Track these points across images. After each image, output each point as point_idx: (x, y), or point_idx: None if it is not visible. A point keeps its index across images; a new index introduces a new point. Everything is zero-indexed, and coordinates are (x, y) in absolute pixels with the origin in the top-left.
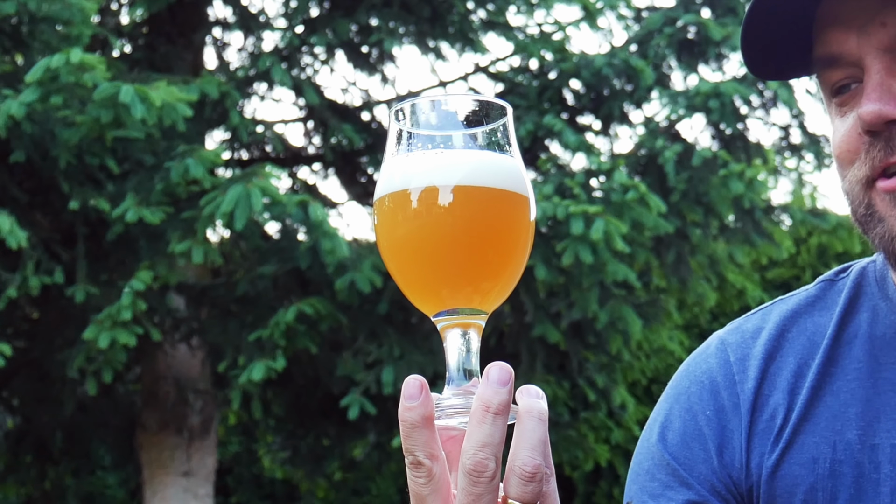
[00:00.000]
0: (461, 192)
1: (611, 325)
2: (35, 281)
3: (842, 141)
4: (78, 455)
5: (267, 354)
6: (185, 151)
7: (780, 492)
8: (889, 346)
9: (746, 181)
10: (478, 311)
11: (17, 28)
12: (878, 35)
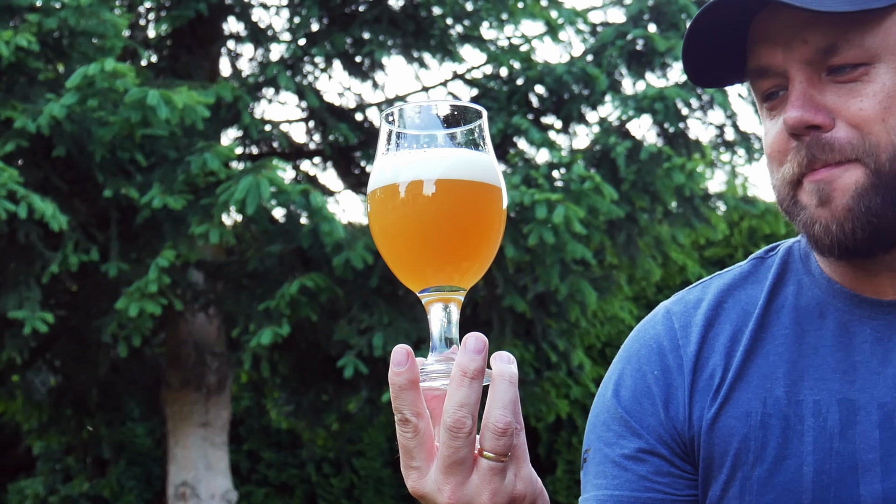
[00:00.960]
0: (443, 184)
1: (570, 297)
2: (74, 258)
3: (772, 142)
4: (111, 409)
5: (274, 322)
6: (203, 147)
7: (718, 441)
8: (812, 314)
9: (687, 173)
10: (457, 288)
11: (58, 41)
12: (801, 50)
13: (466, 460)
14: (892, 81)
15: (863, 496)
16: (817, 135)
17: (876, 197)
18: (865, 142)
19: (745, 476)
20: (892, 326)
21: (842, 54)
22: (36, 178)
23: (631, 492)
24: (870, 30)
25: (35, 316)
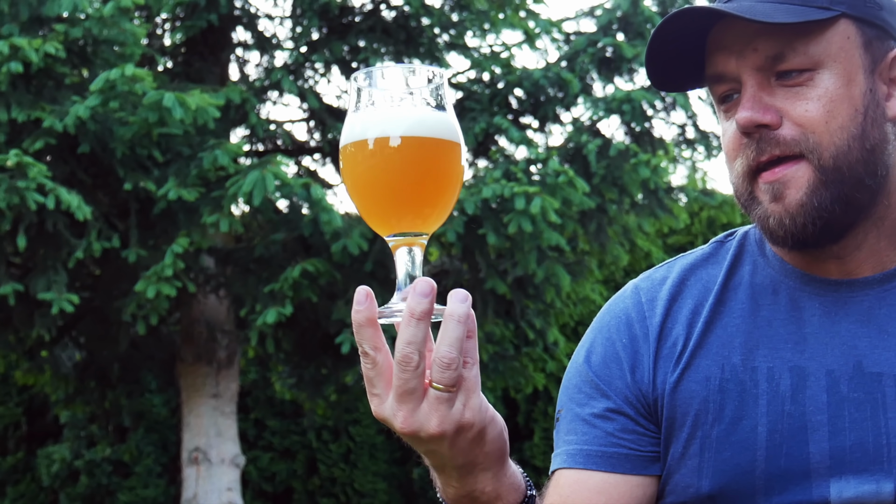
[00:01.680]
0: (407, 140)
1: (546, 280)
2: (97, 245)
3: (728, 140)
4: (130, 381)
5: (278, 303)
6: (214, 144)
7: (680, 403)
8: (766, 291)
9: (652, 168)
10: (420, 233)
11: (83, 48)
12: (752, 58)
13: (416, 390)
14: (834, 86)
15: (812, 453)
16: (766, 132)
17: (825, 193)
18: (809, 140)
19: (705, 435)
20: (837, 302)
21: (788, 61)
22: (63, 172)
23: (598, 446)
24: (813, 39)
25: (62, 297)
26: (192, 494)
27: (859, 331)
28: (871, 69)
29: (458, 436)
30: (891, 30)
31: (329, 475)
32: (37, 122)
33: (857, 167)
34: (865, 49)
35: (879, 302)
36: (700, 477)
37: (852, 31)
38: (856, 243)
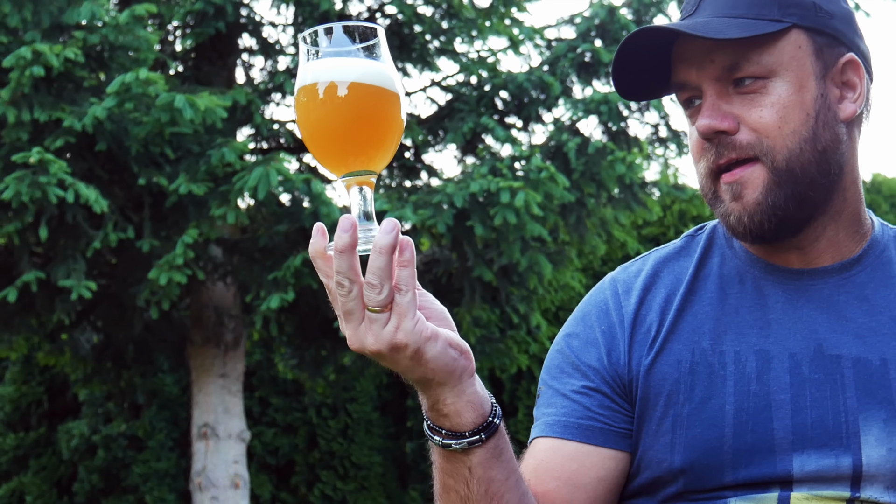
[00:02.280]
0: (353, 87)
1: (529, 269)
2: (113, 236)
3: (693, 143)
4: (144, 362)
5: (281, 289)
6: (221, 143)
7: (653, 384)
8: (733, 280)
9: (627, 164)
10: (369, 172)
11: (100, 54)
12: (710, 68)
13: (355, 311)
14: (786, 93)
15: (776, 430)
16: (724, 137)
17: (779, 192)
18: (764, 144)
19: (677, 413)
20: (799, 290)
21: (743, 70)
22: (81, 168)
23: (575, 418)
24: (766, 50)
25: (81, 284)
26: (201, 467)
27: (819, 316)
28: (822, 75)
29: (396, 353)
30: (842, 37)
31: (328, 449)
32: (57, 122)
33: (809, 168)
34: (817, 56)
35: (838, 289)
36: (672, 452)
37: (803, 40)
38: (815, 235)
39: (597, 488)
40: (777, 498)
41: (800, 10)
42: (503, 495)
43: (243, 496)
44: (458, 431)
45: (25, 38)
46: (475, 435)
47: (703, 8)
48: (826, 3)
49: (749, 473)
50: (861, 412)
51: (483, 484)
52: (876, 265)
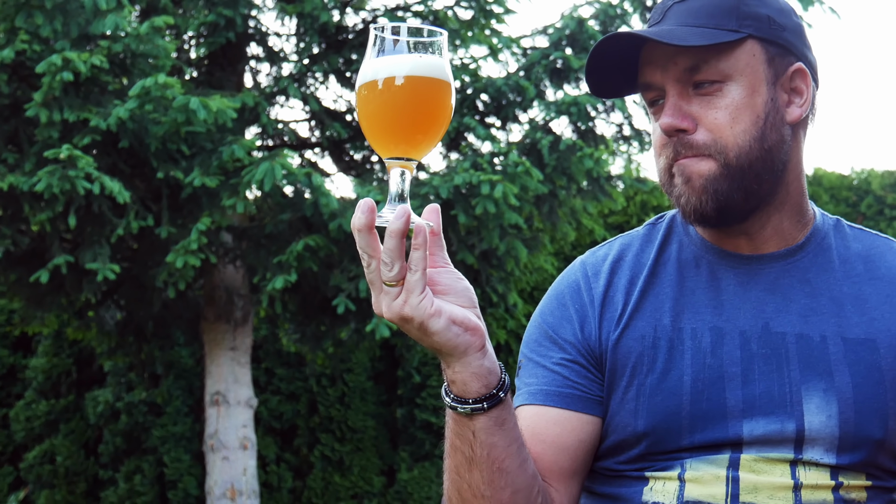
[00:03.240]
0: (408, 79)
1: (507, 253)
2: (135, 224)
3: (655, 139)
4: (162, 336)
5: (284, 271)
6: (231, 140)
7: (620, 357)
8: (690, 265)
9: (594, 160)
10: (411, 159)
11: (123, 61)
12: (673, 70)
13: (375, 282)
14: (740, 96)
15: (728, 399)
16: (683, 136)
17: (724, 183)
18: (717, 143)
19: (641, 383)
20: (749, 273)
21: (702, 73)
22: (106, 163)
23: (556, 388)
24: (723, 56)
25: (105, 267)
26: (213, 430)
27: (767, 297)
28: (773, 81)
29: (405, 324)
30: (792, 48)
31: (327, 415)
32: (85, 122)
33: (756, 164)
34: (769, 64)
35: (783, 273)
36: (636, 418)
37: (758, 49)
38: (761, 224)
39: (578, 450)
40: (728, 459)
41: (755, 22)
42: (504, 460)
43: (251, 456)
44: (464, 398)
45: (56, 46)
46: (478, 403)
47: (669, 17)
48: (779, 16)
49: (704, 437)
50: (803, 383)
51: (485, 448)
52: (817, 251)
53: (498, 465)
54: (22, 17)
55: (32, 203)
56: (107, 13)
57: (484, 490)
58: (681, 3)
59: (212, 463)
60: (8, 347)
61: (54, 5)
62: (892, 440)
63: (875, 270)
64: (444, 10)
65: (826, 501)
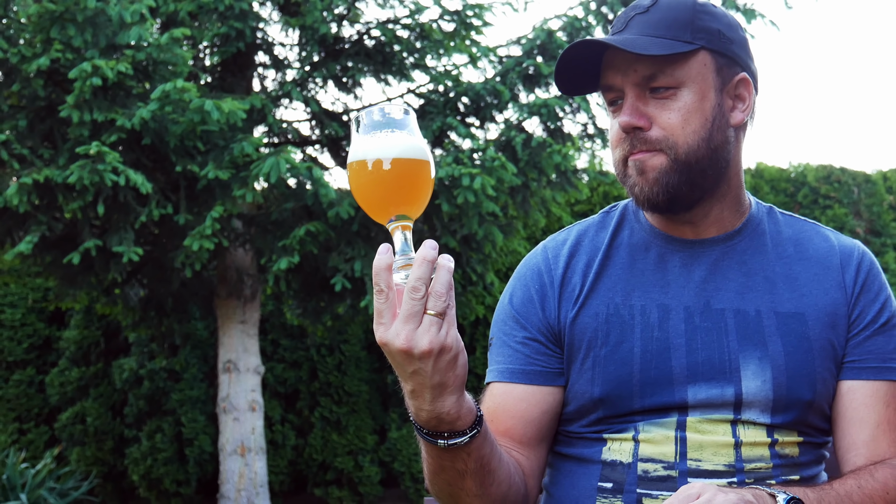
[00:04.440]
0: (395, 161)
1: (485, 238)
2: (156, 212)
3: (612, 134)
4: (180, 311)
5: (288, 254)
6: (241, 138)
7: (577, 332)
8: (639, 249)
9: (562, 155)
10: (408, 218)
11: (146, 68)
12: (633, 76)
13: (419, 314)
14: (691, 101)
15: (674, 367)
16: (639, 132)
17: (674, 177)
18: (669, 140)
19: (596, 355)
20: (692, 256)
21: (659, 80)
22: (131, 158)
23: (520, 365)
24: (679, 65)
25: (130, 250)
26: (225, 394)
27: (708, 277)
28: (720, 89)
29: (441, 355)
30: (738, 59)
31: (326, 380)
32: (111, 122)
33: (702, 161)
34: (717, 73)
35: (723, 255)
36: (593, 385)
37: (709, 60)
38: (704, 213)
39: (541, 419)
40: (676, 422)
41: (707, 35)
42: (490, 462)
43: (259, 417)
44: (459, 430)
45: (86, 55)
46: (474, 429)
47: (631, 27)
48: (728, 30)
49: (653, 401)
50: (741, 352)
51: (477, 461)
52: (752, 236)
53: (486, 468)
54: (56, 29)
55: (65, 193)
56: (131, 25)
57: (476, 491)
58: (642, 14)
59: (224, 423)
60: (44, 321)
61: (85, 19)
62: (820, 402)
63: (804, 252)
64: (429, 23)
65: (763, 457)
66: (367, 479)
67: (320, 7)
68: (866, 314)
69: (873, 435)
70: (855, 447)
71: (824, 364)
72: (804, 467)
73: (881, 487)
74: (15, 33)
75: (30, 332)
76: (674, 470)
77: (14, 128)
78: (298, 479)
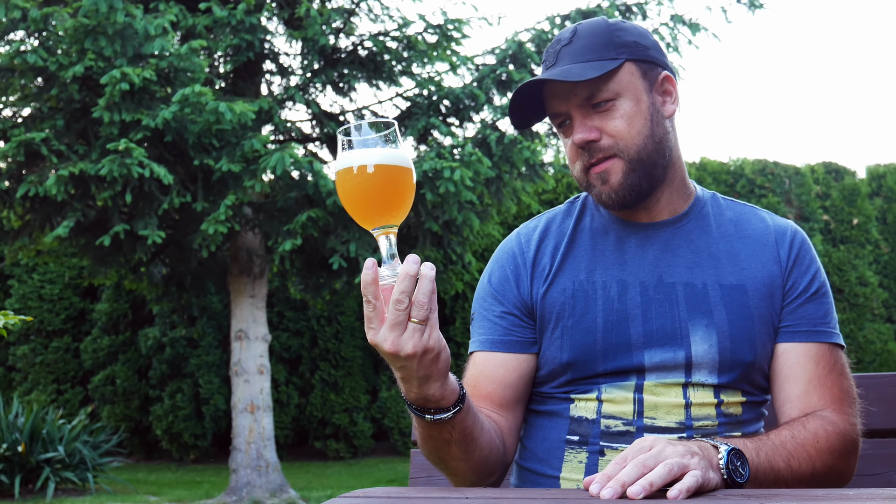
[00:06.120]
0: (378, 167)
1: (464, 222)
2: (176, 200)
3: (569, 151)
4: (198, 287)
5: (292, 237)
6: (251, 136)
7: (547, 306)
8: (600, 233)
9: (531, 151)
10: (392, 225)
11: (167, 74)
12: (574, 100)
13: (403, 323)
14: (630, 107)
15: (631, 335)
16: (592, 144)
17: (634, 175)
18: (619, 145)
19: (564, 325)
20: (646, 237)
21: (598, 97)
22: (154, 153)
23: (499, 336)
24: (611, 80)
25: (154, 233)
26: (237, 359)
27: (660, 255)
28: (649, 90)
29: (425, 356)
30: (657, 61)
31: (325, 347)
32: (138, 122)
33: (652, 155)
34: (644, 77)
35: (673, 236)
36: (562, 352)
37: (634, 68)
38: (657, 199)
39: (518, 384)
40: (634, 385)
41: (627, 48)
42: (472, 431)
43: (266, 380)
44: (444, 407)
45: (116, 63)
46: (456, 406)
47: (562, 58)
48: (641, 39)
49: (615, 365)
50: (690, 321)
51: (461, 431)
52: (698, 218)
53: (469, 437)
54: (89, 41)
55: (98, 184)
56: (155, 37)
57: (461, 455)
58: (567, 45)
59: (236, 384)
60: (79, 295)
61: (115, 31)
62: (760, 362)
63: (743, 231)
64: (415, 35)
65: (710, 415)
66: (361, 434)
67: (320, 21)
68: (799, 284)
69: (805, 390)
70: (790, 401)
71: (763, 329)
72: (745, 424)
73: (812, 437)
74: (53, 44)
75: (66, 305)
76: (632, 426)
77: (52, 127)
78: (301, 433)
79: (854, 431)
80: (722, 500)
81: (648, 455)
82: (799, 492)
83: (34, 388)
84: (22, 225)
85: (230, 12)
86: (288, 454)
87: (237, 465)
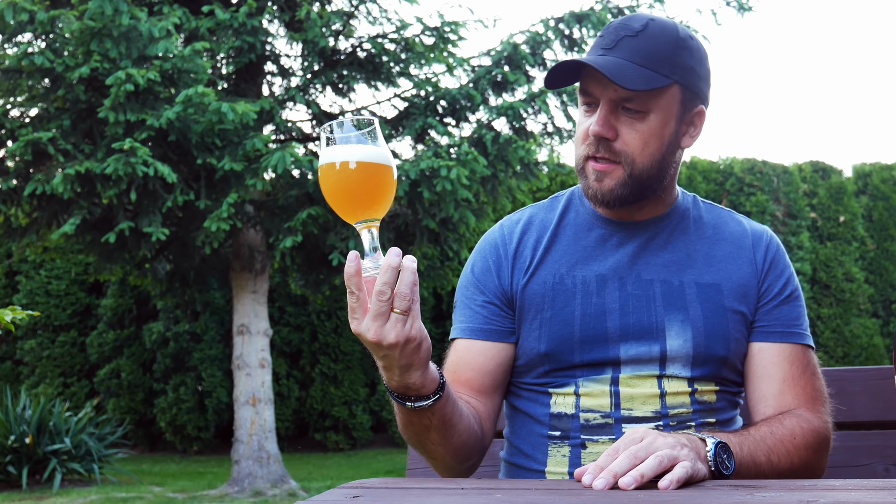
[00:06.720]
0: (359, 164)
1: (460, 220)
2: (180, 198)
3: (581, 131)
4: (201, 282)
5: (293, 234)
6: (253, 135)
7: (528, 298)
8: (583, 228)
9: (526, 150)
10: (374, 219)
11: (171, 75)
12: (610, 93)
13: (385, 313)
14: (655, 126)
15: (609, 328)
16: (605, 141)
17: (626, 188)
18: (629, 157)
19: (543, 317)
20: (627, 236)
21: (632, 103)
22: (159, 152)
23: (479, 325)
24: (653, 97)
25: (158, 230)
26: (239, 353)
27: (639, 253)
28: (680, 118)
29: (407, 345)
30: (701, 94)
31: (325, 341)
32: (142, 122)
33: (652, 178)
34: (682, 105)
35: (653, 235)
36: (540, 343)
37: (678, 93)
38: (640, 205)
39: (496, 371)
40: (610, 378)
41: (683, 71)
42: (451, 418)
43: (267, 373)
44: (424, 395)
45: (121, 65)
46: (436, 395)
47: (620, 47)
48: (699, 66)
49: (591, 356)
50: (665, 316)
51: (440, 418)
52: (678, 220)
53: (447, 423)
54: (95, 43)
55: (103, 182)
56: (159, 40)
57: (440, 441)
58: (632, 37)
59: (238, 378)
60: (85, 291)
61: (120, 34)
62: (733, 358)
63: (721, 234)
64: (412, 37)
65: (684, 403)
66: (360, 426)
67: (320, 24)
68: (773, 287)
69: (780, 389)
70: (765, 399)
71: (736, 327)
72: (720, 412)
73: (789, 433)
74: (60, 46)
75: (73, 301)
76: (610, 418)
77: (59, 127)
78: (301, 425)
79: (827, 429)
80: (711, 490)
81: (639, 447)
82: (786, 482)
83: (41, 381)
84: (29, 222)
85: (232, 15)
86: (289, 446)
87: (239, 456)
